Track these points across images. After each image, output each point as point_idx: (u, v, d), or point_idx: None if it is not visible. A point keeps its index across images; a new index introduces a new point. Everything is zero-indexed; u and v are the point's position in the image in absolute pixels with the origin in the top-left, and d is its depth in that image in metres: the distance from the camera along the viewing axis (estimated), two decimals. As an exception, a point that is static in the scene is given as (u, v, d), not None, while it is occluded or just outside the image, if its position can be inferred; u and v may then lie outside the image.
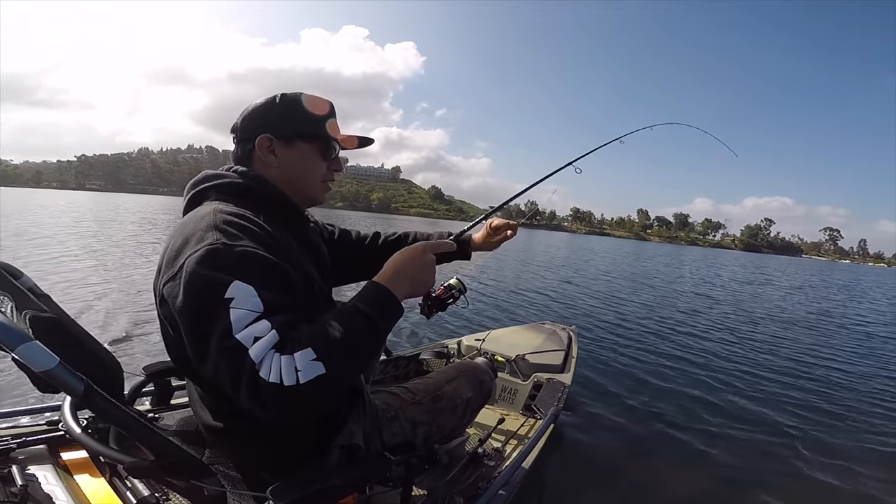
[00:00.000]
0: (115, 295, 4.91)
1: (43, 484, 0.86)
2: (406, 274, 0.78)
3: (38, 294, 0.92)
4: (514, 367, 2.36)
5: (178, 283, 0.66)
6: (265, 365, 0.59)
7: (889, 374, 4.38)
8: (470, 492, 1.34)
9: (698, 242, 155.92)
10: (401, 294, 0.76)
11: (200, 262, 0.65)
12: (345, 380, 0.67)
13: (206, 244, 0.67)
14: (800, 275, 23.20)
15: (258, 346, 0.60)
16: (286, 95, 0.88)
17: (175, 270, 0.67)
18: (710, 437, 2.61)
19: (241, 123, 0.88)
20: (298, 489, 0.74)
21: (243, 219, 0.74)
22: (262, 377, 0.58)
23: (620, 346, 4.51)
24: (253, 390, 0.59)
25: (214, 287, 0.63)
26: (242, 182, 0.84)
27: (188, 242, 0.69)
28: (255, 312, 0.62)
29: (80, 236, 10.57)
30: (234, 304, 0.61)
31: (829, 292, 14.34)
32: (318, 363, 0.61)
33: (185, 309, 0.65)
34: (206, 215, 0.73)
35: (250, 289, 0.63)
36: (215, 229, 0.69)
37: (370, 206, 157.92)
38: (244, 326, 0.61)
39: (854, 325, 7.54)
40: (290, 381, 0.58)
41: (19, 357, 0.62)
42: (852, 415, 3.14)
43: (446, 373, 1.16)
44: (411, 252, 0.81)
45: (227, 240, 0.68)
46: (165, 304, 0.70)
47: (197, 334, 0.65)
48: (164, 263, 0.71)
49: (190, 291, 0.64)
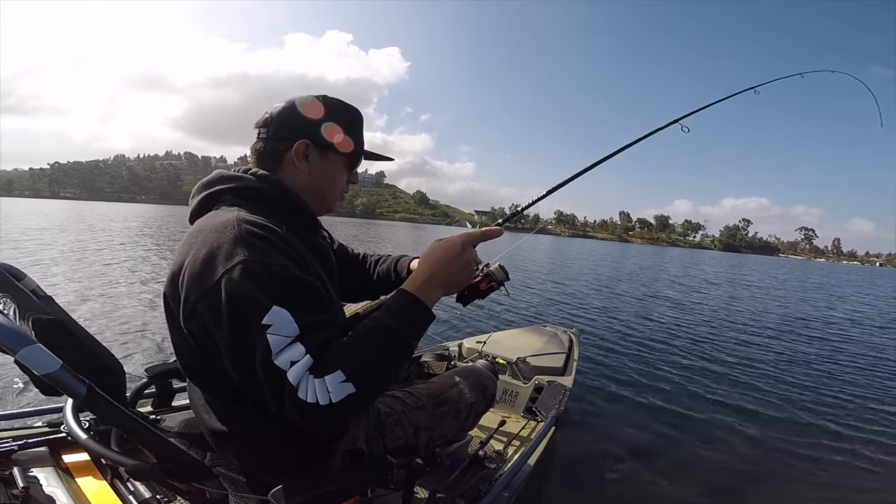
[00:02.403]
0: (116, 296, 4.92)
1: (44, 486, 0.86)
2: (440, 278, 0.77)
3: (41, 296, 0.92)
4: (515, 370, 2.36)
5: (213, 303, 0.65)
6: (302, 387, 0.63)
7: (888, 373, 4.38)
8: (471, 494, 1.34)
9: (679, 243, 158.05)
10: (433, 300, 0.76)
11: (235, 282, 0.64)
12: (376, 393, 0.72)
13: (239, 261, 0.66)
14: (792, 274, 23.20)
15: (295, 371, 0.63)
16: (333, 102, 0.87)
17: (208, 287, 0.66)
18: (710, 438, 2.61)
19: (280, 120, 0.85)
20: (300, 492, 0.74)
21: (267, 230, 0.72)
22: (301, 398, 0.63)
23: (621, 348, 4.51)
24: (296, 408, 0.63)
25: (254, 311, 0.64)
26: (261, 186, 0.81)
27: (216, 256, 0.67)
28: (291, 337, 0.64)
29: (75, 241, 10.58)
30: (272, 331, 0.64)
31: (846, 292, 14.23)
32: (347, 384, 0.65)
33: (222, 330, 0.65)
34: (229, 225, 0.70)
35: (286, 314, 0.64)
36: (243, 243, 0.68)
37: (354, 211, 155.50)
38: (281, 350, 0.63)
39: (865, 327, 7.53)
40: (325, 401, 0.63)
41: (22, 360, 0.62)
42: (854, 414, 3.14)
43: (450, 377, 1.16)
44: (449, 251, 0.79)
45: (258, 257, 0.67)
46: (195, 319, 0.69)
47: (237, 356, 0.66)
48: (189, 275, 0.68)
49: (227, 314, 0.64)
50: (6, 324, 0.64)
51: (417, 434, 1.00)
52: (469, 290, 0.98)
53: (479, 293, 0.98)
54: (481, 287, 0.97)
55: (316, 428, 0.65)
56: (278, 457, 0.83)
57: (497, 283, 0.98)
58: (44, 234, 11.72)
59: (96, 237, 12.07)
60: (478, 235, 0.84)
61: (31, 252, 7.98)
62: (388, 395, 1.03)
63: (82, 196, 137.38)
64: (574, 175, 1.20)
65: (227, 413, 0.81)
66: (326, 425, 0.65)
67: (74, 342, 0.91)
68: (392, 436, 0.96)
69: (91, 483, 0.92)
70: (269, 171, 0.84)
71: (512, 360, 2.38)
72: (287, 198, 0.82)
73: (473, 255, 0.82)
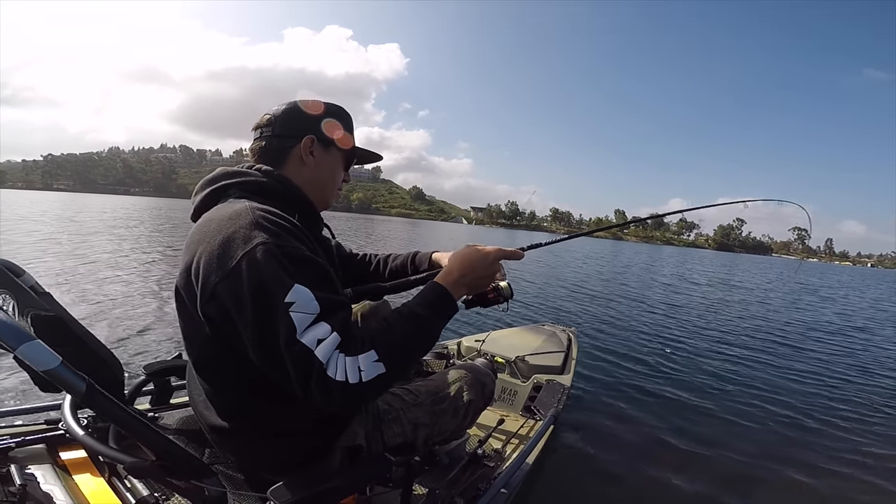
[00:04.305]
0: (115, 294, 4.90)
1: (42, 483, 0.86)
2: (469, 279, 0.86)
3: (40, 292, 0.91)
4: (513, 369, 2.37)
5: (234, 285, 0.66)
6: (332, 365, 0.64)
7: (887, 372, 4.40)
8: (470, 492, 1.34)
9: (673, 242, 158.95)
10: (459, 295, 0.84)
11: (257, 263, 0.65)
12: (401, 376, 0.73)
13: (258, 243, 0.67)
14: (797, 275, 23.25)
15: (323, 348, 0.64)
16: (331, 104, 0.93)
17: (228, 271, 0.66)
18: (709, 437, 2.61)
19: (285, 119, 0.88)
20: (299, 489, 0.74)
21: (280, 217, 0.74)
22: (331, 376, 0.63)
23: (620, 347, 4.51)
24: (322, 387, 0.64)
25: (276, 290, 0.65)
26: (267, 181, 0.84)
27: (233, 241, 0.68)
28: (313, 315, 0.65)
29: (76, 235, 10.55)
30: (295, 308, 0.64)
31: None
32: (379, 363, 0.67)
33: (244, 311, 0.66)
34: (243, 212, 0.72)
35: (308, 292, 0.66)
36: (258, 227, 0.69)
37: (350, 206, 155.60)
38: (305, 329, 0.64)
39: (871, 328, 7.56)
40: (355, 379, 0.64)
41: (21, 356, 0.61)
42: (858, 417, 3.15)
43: (449, 375, 1.16)
44: (484, 257, 0.88)
45: (274, 239, 0.68)
46: (215, 303, 0.68)
47: (261, 336, 0.66)
48: (206, 261, 0.69)
49: (249, 294, 0.65)
50: (5, 320, 0.63)
51: (416, 432, 1.01)
52: (478, 297, 1.07)
53: (485, 302, 1.07)
54: (489, 297, 1.07)
55: (337, 408, 0.66)
56: (278, 454, 0.83)
57: (503, 299, 1.08)
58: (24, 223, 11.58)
59: (92, 230, 12.01)
60: (507, 253, 0.93)
61: (22, 244, 7.95)
62: (386, 393, 1.03)
63: (76, 188, 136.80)
64: (619, 224, 1.25)
65: (229, 408, 0.82)
66: (350, 405, 0.66)
67: (73, 339, 0.91)
68: (391, 433, 0.96)
69: (89, 480, 0.92)
70: (273, 168, 0.87)
71: (511, 358, 2.38)
72: (290, 191, 0.85)
73: (499, 268, 0.90)
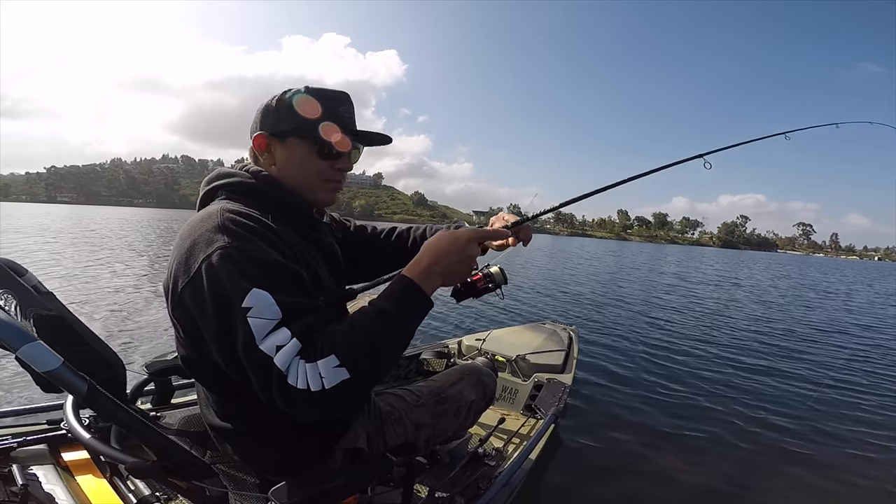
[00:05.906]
0: (115, 293, 4.91)
1: (43, 483, 0.86)
2: (440, 268, 0.74)
3: (42, 292, 0.91)
4: (514, 368, 2.37)
5: (195, 290, 0.65)
6: (292, 372, 0.61)
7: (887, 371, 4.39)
8: (470, 492, 1.34)
9: (677, 241, 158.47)
10: (431, 288, 0.74)
11: (215, 267, 0.64)
12: (372, 381, 0.68)
13: (217, 247, 0.66)
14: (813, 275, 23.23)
15: (282, 355, 0.61)
16: (284, 94, 0.83)
17: (191, 275, 0.66)
18: (711, 436, 2.61)
19: (254, 119, 0.86)
20: (300, 489, 0.74)
21: (249, 218, 0.73)
22: (291, 384, 0.60)
23: (621, 346, 4.50)
24: (284, 396, 0.61)
25: (232, 295, 0.63)
26: (252, 181, 0.82)
27: (197, 244, 0.68)
28: (274, 320, 0.62)
29: (79, 239, 10.55)
30: (252, 314, 0.62)
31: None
32: (341, 369, 0.62)
33: (206, 316, 0.65)
34: (213, 215, 0.72)
35: (267, 296, 0.63)
36: (222, 230, 0.68)
37: (352, 212, 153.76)
38: (265, 336, 0.62)
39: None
40: (317, 387, 0.61)
41: (23, 357, 0.61)
42: (862, 415, 3.15)
43: (450, 375, 1.16)
44: (453, 243, 0.76)
45: (236, 242, 0.67)
46: (182, 307, 0.69)
47: (221, 343, 0.65)
48: (176, 265, 0.70)
49: (208, 299, 0.64)
50: (7, 320, 0.63)
51: (418, 432, 1.01)
52: (467, 286, 0.99)
53: (475, 291, 0.99)
54: (479, 286, 0.99)
55: (305, 416, 0.64)
56: (279, 455, 0.83)
57: (495, 285, 1.00)
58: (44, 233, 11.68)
59: (96, 236, 12.03)
60: (484, 233, 0.82)
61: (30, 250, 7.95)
62: (389, 394, 1.03)
63: (79, 200, 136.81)
64: (591, 192, 1.12)
65: (226, 409, 0.82)
66: (316, 413, 0.63)
67: (75, 338, 0.91)
68: (393, 434, 0.96)
69: (90, 481, 0.92)
70: (261, 169, 0.85)
71: (511, 357, 2.38)
72: (275, 189, 0.83)
73: (476, 252, 0.79)
